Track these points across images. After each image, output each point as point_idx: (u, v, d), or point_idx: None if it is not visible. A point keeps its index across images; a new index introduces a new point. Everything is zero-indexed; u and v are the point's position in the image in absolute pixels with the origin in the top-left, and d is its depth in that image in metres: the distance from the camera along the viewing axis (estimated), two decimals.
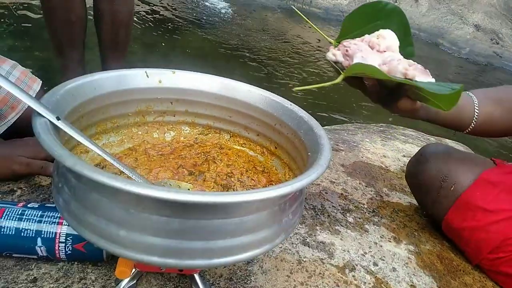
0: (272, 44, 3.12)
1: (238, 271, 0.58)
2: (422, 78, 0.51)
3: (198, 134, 0.64)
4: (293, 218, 0.44)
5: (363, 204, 0.83)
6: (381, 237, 0.74)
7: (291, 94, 2.09)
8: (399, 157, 1.09)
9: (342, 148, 1.06)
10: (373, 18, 0.59)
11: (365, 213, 0.80)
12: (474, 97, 0.69)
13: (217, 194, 0.34)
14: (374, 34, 0.56)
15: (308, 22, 0.62)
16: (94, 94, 0.52)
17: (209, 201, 0.33)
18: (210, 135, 0.64)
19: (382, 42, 0.55)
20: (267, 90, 0.60)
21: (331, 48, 0.58)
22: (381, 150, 1.11)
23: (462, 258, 0.75)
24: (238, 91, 0.60)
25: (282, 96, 0.59)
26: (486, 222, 0.69)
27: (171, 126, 0.63)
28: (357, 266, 0.65)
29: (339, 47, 0.57)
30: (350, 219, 0.77)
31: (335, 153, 1.00)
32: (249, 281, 0.57)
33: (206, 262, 0.38)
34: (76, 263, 0.53)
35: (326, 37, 0.63)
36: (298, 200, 0.45)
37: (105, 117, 0.55)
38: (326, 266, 0.63)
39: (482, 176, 0.72)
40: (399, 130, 1.39)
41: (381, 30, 0.56)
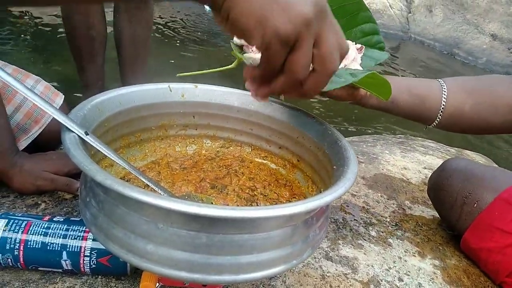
0: None
1: (261, 286, 0.57)
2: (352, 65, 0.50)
3: (220, 147, 0.64)
4: (319, 233, 0.43)
5: (386, 217, 0.81)
6: (405, 251, 0.72)
7: (312, 105, 2.07)
8: (420, 169, 1.07)
9: (362, 160, 1.05)
10: None
11: (387, 226, 0.79)
12: (444, 85, 0.64)
13: (246, 209, 0.34)
14: None
15: None
16: (120, 108, 0.53)
17: (238, 216, 0.33)
18: (231, 148, 0.64)
19: None
20: (289, 102, 0.60)
21: None
22: (401, 162, 1.09)
23: None
24: (259, 104, 0.60)
25: (303, 108, 0.59)
26: (504, 244, 0.65)
27: (193, 140, 0.63)
28: (382, 281, 0.64)
29: None
30: (373, 233, 0.75)
31: None
32: None
33: (232, 278, 0.37)
34: (100, 277, 0.53)
35: None
36: (325, 214, 0.44)
37: (129, 131, 0.56)
38: (351, 282, 0.62)
39: (501, 195, 0.68)
40: (418, 141, 1.37)
41: None
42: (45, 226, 0.51)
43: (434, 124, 0.66)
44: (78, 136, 0.41)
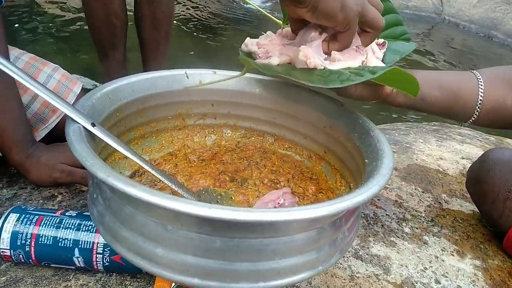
0: None
1: (284, 287, 0.53)
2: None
3: (241, 138, 0.60)
4: (349, 235, 0.39)
5: (420, 212, 0.75)
6: (442, 250, 0.67)
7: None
8: (458, 159, 1.00)
9: (394, 149, 0.98)
10: None
11: (423, 222, 0.73)
12: (480, 77, 0.57)
13: (264, 212, 0.29)
14: None
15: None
16: (133, 97, 0.49)
17: (255, 220, 0.29)
18: (253, 139, 0.60)
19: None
20: (316, 89, 0.55)
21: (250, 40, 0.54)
22: (437, 151, 1.02)
23: None
24: (282, 91, 0.55)
25: (332, 95, 0.54)
26: None
27: (212, 130, 0.59)
28: (417, 283, 0.58)
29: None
30: (407, 230, 0.70)
31: None
32: None
33: (251, 286, 0.33)
34: (114, 275, 0.51)
35: (274, 18, 0.59)
36: (355, 214, 0.40)
37: (144, 121, 0.53)
38: (382, 283, 0.57)
39: None
40: (455, 129, 1.28)
41: None
42: (57, 221, 0.48)
43: (471, 121, 0.60)
44: (84, 128, 0.37)
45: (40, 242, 0.47)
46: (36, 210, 0.50)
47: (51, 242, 0.47)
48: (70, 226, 0.48)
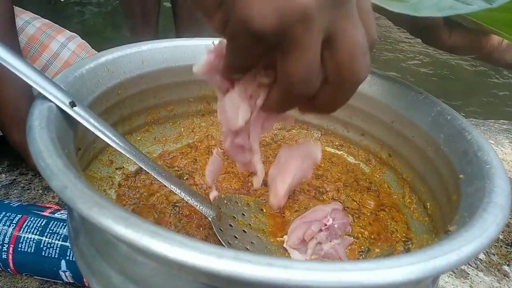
0: None
1: None
2: None
3: (279, 129, 0.48)
4: None
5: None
6: None
7: (410, 72, 1.71)
8: None
9: None
10: None
11: (501, 247, 0.58)
12: None
13: (319, 270, 0.17)
14: None
15: None
16: (142, 70, 0.39)
17: (285, 280, 0.16)
18: (294, 131, 0.47)
19: None
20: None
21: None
22: (511, 155, 0.85)
23: None
24: None
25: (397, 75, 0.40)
26: None
27: None
28: None
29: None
30: (481, 256, 0.55)
31: None
32: None
33: None
34: None
35: None
36: None
37: (157, 102, 0.42)
38: None
39: None
40: None
41: None
42: (42, 224, 0.38)
43: None
44: (58, 107, 0.26)
45: (19, 249, 0.37)
46: (20, 206, 0.40)
47: (33, 250, 0.37)
48: (57, 231, 0.38)
